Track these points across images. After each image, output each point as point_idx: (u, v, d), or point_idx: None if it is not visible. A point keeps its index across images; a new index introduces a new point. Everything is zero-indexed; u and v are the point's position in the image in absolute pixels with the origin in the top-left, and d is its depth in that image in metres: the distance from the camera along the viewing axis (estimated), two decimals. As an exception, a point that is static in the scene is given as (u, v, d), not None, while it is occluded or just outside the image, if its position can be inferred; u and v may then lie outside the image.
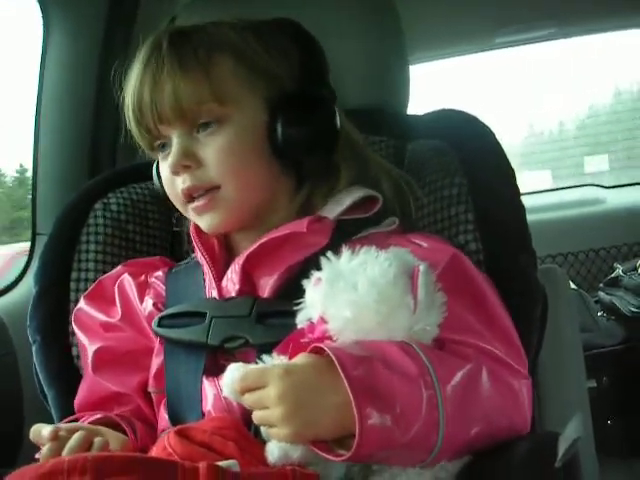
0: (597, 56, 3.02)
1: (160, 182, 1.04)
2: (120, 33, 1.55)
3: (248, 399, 0.77)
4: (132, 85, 0.97)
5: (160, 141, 0.99)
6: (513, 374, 0.83)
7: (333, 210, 0.99)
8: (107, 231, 1.18)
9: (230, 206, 0.97)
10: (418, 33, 2.02)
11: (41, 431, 0.82)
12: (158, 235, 1.22)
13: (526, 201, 1.03)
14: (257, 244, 0.95)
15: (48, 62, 1.52)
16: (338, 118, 0.99)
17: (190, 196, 0.97)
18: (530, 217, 1.03)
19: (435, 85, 2.90)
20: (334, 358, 0.72)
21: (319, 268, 0.80)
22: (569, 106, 3.33)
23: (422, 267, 0.77)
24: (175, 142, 0.96)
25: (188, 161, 0.95)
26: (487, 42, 2.56)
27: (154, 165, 1.09)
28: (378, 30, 1.24)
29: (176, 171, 0.96)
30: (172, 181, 0.98)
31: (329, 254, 0.80)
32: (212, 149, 0.95)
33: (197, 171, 0.95)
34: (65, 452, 0.80)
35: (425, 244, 0.94)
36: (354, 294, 0.75)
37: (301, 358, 0.77)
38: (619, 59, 3.10)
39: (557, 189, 3.07)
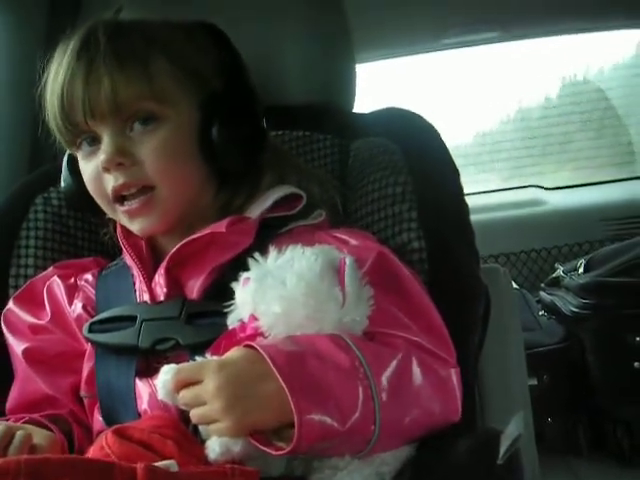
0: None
1: (74, 180, 1.03)
2: (64, 22, 1.52)
3: (185, 396, 0.77)
4: (60, 76, 0.94)
5: (85, 136, 0.96)
6: (441, 363, 0.85)
7: (256, 210, 0.99)
8: (47, 226, 1.15)
9: (165, 208, 0.96)
10: (365, 32, 2.03)
11: None
12: (100, 231, 1.19)
13: (469, 201, 1.04)
14: (178, 246, 0.95)
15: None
16: (263, 121, 1.00)
17: (119, 196, 0.95)
18: (472, 217, 1.04)
19: (383, 84, 2.92)
20: (265, 355, 0.72)
21: (246, 268, 0.80)
22: (517, 107, 3.39)
23: (348, 260, 0.78)
24: (107, 139, 0.93)
25: (122, 158, 0.93)
26: (434, 43, 2.58)
27: (64, 163, 1.06)
28: (325, 27, 1.24)
29: (108, 168, 0.93)
30: (99, 179, 0.96)
31: (256, 254, 0.81)
32: (149, 147, 0.93)
33: (130, 169, 0.93)
34: None
35: (352, 241, 0.94)
36: (283, 289, 0.76)
37: (234, 352, 0.77)
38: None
39: (499, 190, 3.10)
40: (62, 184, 1.07)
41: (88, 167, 0.97)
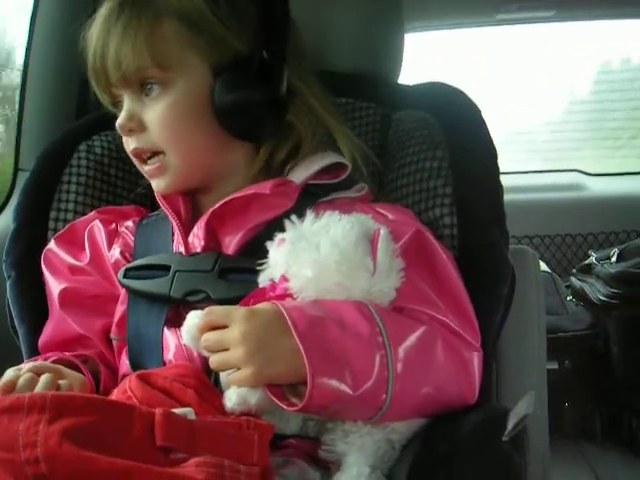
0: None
1: None
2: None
3: (208, 339, 0.79)
4: (91, 43, 0.97)
5: (118, 98, 0.99)
6: (465, 345, 0.86)
7: (300, 174, 1.00)
8: (89, 173, 1.17)
9: (176, 172, 0.98)
10: (417, 1, 2.00)
11: None
12: (140, 182, 1.21)
13: (509, 180, 1.04)
14: (221, 203, 0.96)
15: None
16: (285, 85, 0.97)
17: (140, 157, 0.98)
18: (511, 196, 1.03)
19: (432, 55, 2.89)
20: (287, 318, 0.75)
21: (283, 230, 0.82)
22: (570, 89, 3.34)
23: (382, 231, 0.79)
24: (124, 105, 0.96)
25: (132, 124, 0.96)
26: (489, 17, 2.55)
27: None
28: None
29: (123, 133, 0.97)
30: (125, 141, 1.00)
31: (293, 217, 0.83)
32: (154, 114, 0.95)
33: (141, 135, 0.96)
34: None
35: (390, 216, 0.95)
36: (316, 254, 0.78)
37: (264, 305, 0.79)
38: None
39: (540, 171, 3.08)
40: None
41: None
